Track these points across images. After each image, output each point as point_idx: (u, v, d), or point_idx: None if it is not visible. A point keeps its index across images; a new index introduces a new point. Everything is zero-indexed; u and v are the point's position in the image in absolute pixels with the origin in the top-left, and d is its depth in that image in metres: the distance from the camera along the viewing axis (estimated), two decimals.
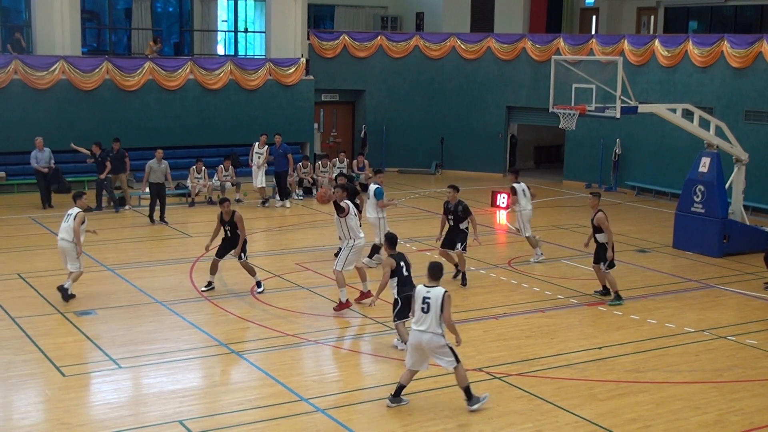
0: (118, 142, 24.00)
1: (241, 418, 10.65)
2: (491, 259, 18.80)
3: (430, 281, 10.97)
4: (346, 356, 13.04)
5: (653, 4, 33.35)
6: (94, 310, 14.82)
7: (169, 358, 12.67)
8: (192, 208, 24.19)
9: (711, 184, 19.82)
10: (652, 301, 16.12)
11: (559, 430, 10.54)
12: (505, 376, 12.14)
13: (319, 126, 31.33)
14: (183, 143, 27.37)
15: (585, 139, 28.83)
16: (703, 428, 10.64)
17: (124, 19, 31.67)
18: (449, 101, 31.45)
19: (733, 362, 13.00)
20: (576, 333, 14.28)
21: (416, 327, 10.85)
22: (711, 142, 20.11)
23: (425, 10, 33.97)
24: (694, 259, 19.49)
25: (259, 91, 29.04)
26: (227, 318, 14.56)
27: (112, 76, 26.79)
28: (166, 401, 11.09)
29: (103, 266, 17.67)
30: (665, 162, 26.95)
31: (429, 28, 33.43)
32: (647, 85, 27.08)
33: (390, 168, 31.72)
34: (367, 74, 31.60)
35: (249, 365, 12.47)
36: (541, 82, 27.70)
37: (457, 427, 10.52)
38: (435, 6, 33.48)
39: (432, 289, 10.82)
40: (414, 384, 11.74)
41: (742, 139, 21.20)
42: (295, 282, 16.81)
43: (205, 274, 16.42)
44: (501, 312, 15.17)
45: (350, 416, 10.77)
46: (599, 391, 11.72)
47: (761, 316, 15.40)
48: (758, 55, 24.77)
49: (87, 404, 11.21)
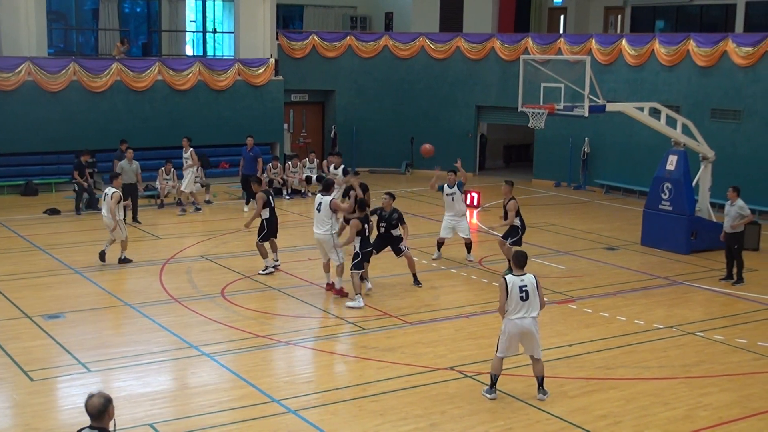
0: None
1: (213, 421, 10.61)
2: (462, 258, 18.85)
3: (517, 270, 11.19)
4: (318, 357, 13.03)
5: (620, 4, 33.61)
6: (62, 313, 14.69)
7: (139, 360, 12.59)
8: (161, 210, 24.06)
9: (678, 181, 20.02)
10: (621, 298, 16.24)
11: (530, 427, 10.59)
12: (476, 374, 12.18)
13: (289, 126, 31.25)
14: (152, 144, 27.19)
15: (554, 138, 28.99)
16: (672, 423, 10.74)
17: (91, 19, 31.43)
18: (419, 101, 31.51)
19: (701, 358, 13.13)
20: (546, 330, 14.32)
21: (515, 316, 11.06)
22: (678, 140, 20.31)
23: (394, 10, 34.02)
24: (663, 256, 19.66)
25: (228, 91, 28.93)
26: (198, 320, 14.49)
27: (79, 78, 26.57)
28: (136, 404, 11.02)
29: (72, 269, 17.53)
30: (633, 160, 27.17)
31: (398, 28, 33.48)
32: (615, 84, 27.28)
33: (360, 168, 31.70)
34: (336, 74, 31.57)
35: (220, 367, 12.42)
36: (510, 81, 27.82)
37: (428, 426, 10.55)
38: (404, 6, 33.53)
39: (525, 276, 11.10)
40: (385, 384, 11.77)
41: (708, 137, 21.42)
42: (266, 283, 16.76)
43: (176, 276, 16.35)
44: (472, 311, 15.22)
45: (322, 417, 10.76)
46: (569, 388, 11.79)
47: (728, 311, 15.58)
48: (723, 54, 25.02)
49: (56, 408, 11.12)
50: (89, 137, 26.59)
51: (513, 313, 11.08)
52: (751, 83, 24.52)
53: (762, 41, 24.14)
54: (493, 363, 11.42)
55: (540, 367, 11.33)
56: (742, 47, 24.53)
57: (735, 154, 24.37)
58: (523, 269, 11.22)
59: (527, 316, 11.08)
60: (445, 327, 14.29)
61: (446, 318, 14.77)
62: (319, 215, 15.70)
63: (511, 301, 11.05)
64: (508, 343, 11.21)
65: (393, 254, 16.68)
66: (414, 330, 14.12)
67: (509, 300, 11.06)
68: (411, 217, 23.26)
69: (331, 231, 15.64)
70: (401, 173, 31.50)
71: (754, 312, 15.57)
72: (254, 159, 24.58)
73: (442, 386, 11.75)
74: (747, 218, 17.39)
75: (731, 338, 13.99)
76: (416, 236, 20.61)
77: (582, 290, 16.66)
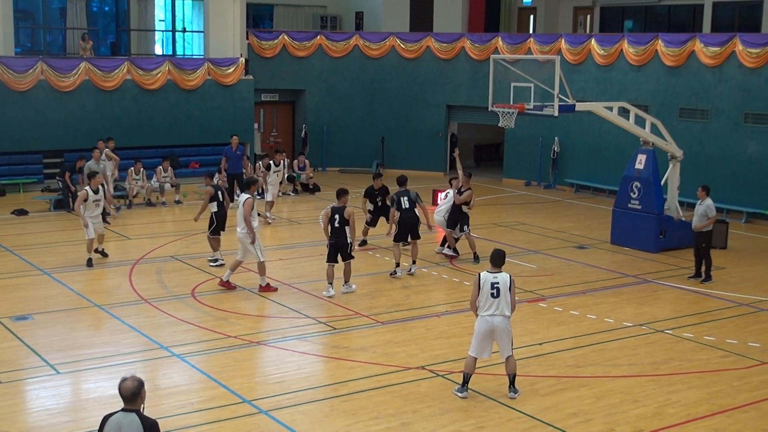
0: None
1: (184, 422, 10.55)
2: (433, 257, 18.89)
3: (493, 268, 11.27)
4: (289, 357, 12.98)
5: (589, 4, 33.81)
6: (30, 315, 14.55)
7: (109, 362, 12.49)
8: (130, 210, 23.90)
9: (647, 180, 20.17)
10: (591, 296, 16.34)
11: (501, 426, 10.62)
12: (447, 373, 12.21)
13: (260, 126, 31.16)
14: (121, 144, 26.96)
15: (524, 138, 29.12)
16: (642, 421, 10.82)
17: (59, 18, 31.15)
18: (390, 100, 31.51)
19: (670, 355, 13.24)
20: (517, 329, 14.35)
21: (485, 312, 11.13)
22: (647, 139, 20.46)
23: (365, 10, 33.99)
24: (632, 254, 19.80)
25: (198, 91, 28.78)
26: (168, 320, 14.41)
27: (47, 77, 26.32)
28: (106, 406, 10.88)
29: (40, 270, 17.37)
30: (603, 159, 27.34)
31: (368, 27, 33.46)
32: (584, 83, 27.44)
33: (331, 167, 31.73)
34: (307, 74, 31.51)
35: (191, 368, 12.36)
36: (481, 81, 27.91)
37: (400, 425, 10.55)
38: (374, 5, 33.52)
39: (498, 274, 11.16)
40: (357, 383, 11.77)
41: (676, 136, 21.61)
42: (237, 283, 16.68)
43: (146, 277, 16.25)
44: (443, 310, 15.25)
45: (293, 417, 10.74)
46: (541, 386, 11.84)
47: (697, 309, 15.72)
48: (691, 53, 25.24)
49: (25, 411, 11.00)
50: (57, 137, 26.38)
51: (483, 309, 11.17)
52: (719, 83, 24.75)
53: (729, 41, 24.38)
54: (466, 361, 11.46)
55: (512, 364, 11.38)
56: (709, 47, 24.75)
57: (702, 153, 24.60)
58: (500, 267, 11.30)
59: (497, 314, 11.13)
60: (416, 326, 14.31)
61: (418, 317, 14.79)
62: (238, 213, 15.88)
63: (482, 296, 11.15)
64: (480, 341, 11.26)
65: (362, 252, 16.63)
66: (385, 329, 14.13)
67: (480, 295, 11.16)
68: (382, 216, 23.27)
69: (251, 231, 15.64)
70: (372, 173, 31.42)
71: (723, 310, 15.72)
72: (240, 158, 24.43)
73: (413, 385, 11.76)
74: (712, 219, 17.56)
75: (700, 336, 14.12)
76: (386, 236, 20.65)
77: (552, 289, 16.75)
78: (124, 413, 6.97)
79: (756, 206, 23.57)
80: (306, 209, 24.57)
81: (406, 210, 17.40)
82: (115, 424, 6.94)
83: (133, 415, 6.95)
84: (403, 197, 17.48)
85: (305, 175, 27.40)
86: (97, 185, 18.15)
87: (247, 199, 15.78)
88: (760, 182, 23.68)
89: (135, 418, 6.93)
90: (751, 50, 23.83)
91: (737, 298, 16.44)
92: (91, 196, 17.93)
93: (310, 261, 18.41)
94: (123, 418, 6.95)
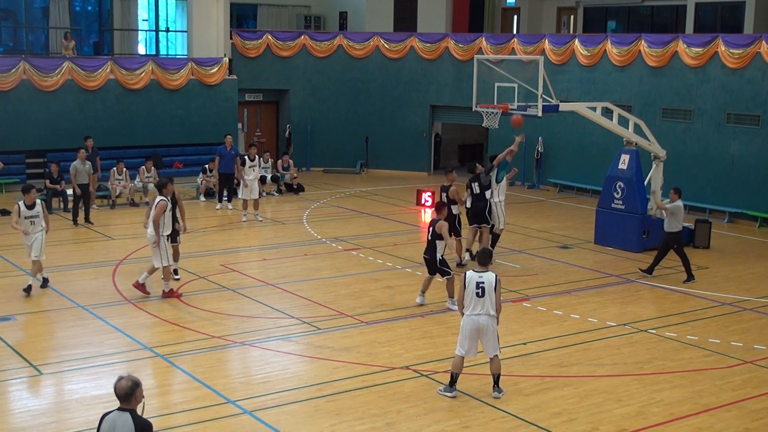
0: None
1: (168, 422, 10.51)
2: (417, 257, 18.89)
3: (479, 267, 11.32)
4: (273, 357, 12.96)
5: (573, 4, 33.91)
6: (13, 315, 14.47)
7: (93, 363, 12.44)
8: (113, 210, 23.81)
9: (630, 180, 20.26)
10: (575, 296, 16.39)
11: (485, 425, 10.64)
12: (432, 373, 12.22)
13: (243, 126, 31.09)
14: (104, 144, 26.84)
15: (508, 138, 28.93)
16: (626, 420, 10.86)
17: (42, 17, 30.99)
18: (373, 100, 31.52)
19: (654, 355, 13.30)
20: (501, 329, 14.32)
21: (471, 312, 11.17)
22: (630, 139, 20.54)
23: (348, 10, 33.98)
24: (615, 254, 19.87)
25: (182, 91, 28.69)
26: (152, 321, 14.36)
27: (30, 76, 26.18)
28: (89, 407, 10.89)
29: (23, 270, 17.26)
30: (586, 159, 27.42)
31: (352, 27, 33.46)
32: (568, 83, 27.52)
33: (315, 168, 31.70)
34: (290, 74, 31.47)
35: (174, 368, 12.32)
36: (464, 81, 27.93)
37: (385, 425, 10.55)
38: (358, 5, 33.51)
39: (484, 273, 11.20)
40: (341, 383, 11.76)
41: (659, 137, 21.71)
42: (220, 283, 16.65)
43: (129, 277, 16.19)
44: (427, 310, 15.25)
45: (278, 417, 10.72)
46: (525, 386, 11.87)
47: (679, 308, 15.78)
48: (674, 54, 25.35)
49: (7, 412, 10.93)
50: (40, 137, 26.25)
51: (468, 308, 11.23)
52: (701, 83, 24.87)
53: (711, 42, 24.51)
54: (453, 361, 11.49)
55: (497, 364, 11.41)
56: (692, 48, 24.87)
57: (685, 153, 24.71)
58: (486, 267, 11.35)
59: (482, 313, 11.17)
60: (400, 326, 14.31)
61: (402, 317, 14.79)
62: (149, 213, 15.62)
63: (467, 295, 11.20)
64: (465, 340, 11.29)
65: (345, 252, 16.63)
66: (370, 329, 14.13)
67: (465, 294, 11.21)
68: (366, 216, 23.31)
69: (157, 233, 15.24)
70: (356, 173, 31.47)
71: (705, 309, 15.80)
72: (233, 157, 24.17)
73: (398, 385, 11.77)
74: (660, 204, 18.03)
75: (683, 335, 14.18)
76: (371, 236, 20.66)
77: (536, 288, 16.79)
78: (120, 412, 7.04)
79: (738, 206, 23.68)
80: (290, 209, 24.53)
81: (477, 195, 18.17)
82: (111, 423, 7.02)
83: (127, 415, 7.01)
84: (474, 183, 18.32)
85: (289, 175, 27.36)
86: (32, 200, 15.58)
87: (160, 201, 15.32)
88: (742, 182, 23.80)
89: (128, 418, 7.00)
90: (733, 51, 23.96)
91: (720, 297, 16.52)
92: (24, 212, 15.45)
93: (294, 261, 18.40)
94: (118, 417, 7.02)
